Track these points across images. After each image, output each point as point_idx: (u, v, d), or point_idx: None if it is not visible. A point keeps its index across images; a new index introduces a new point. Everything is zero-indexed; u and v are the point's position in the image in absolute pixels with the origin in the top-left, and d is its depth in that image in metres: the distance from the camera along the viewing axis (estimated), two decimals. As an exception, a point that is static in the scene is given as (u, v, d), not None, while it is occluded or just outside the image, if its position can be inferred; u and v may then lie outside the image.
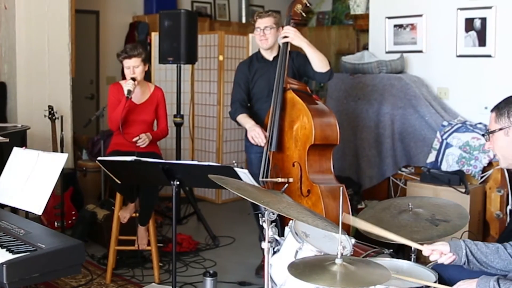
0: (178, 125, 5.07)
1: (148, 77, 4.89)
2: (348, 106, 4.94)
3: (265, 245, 2.21)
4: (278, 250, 2.49)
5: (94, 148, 5.54)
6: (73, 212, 4.76)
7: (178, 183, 3.12)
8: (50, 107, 4.75)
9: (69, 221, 4.70)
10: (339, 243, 1.98)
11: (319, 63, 3.64)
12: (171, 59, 4.93)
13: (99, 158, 3.32)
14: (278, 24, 3.81)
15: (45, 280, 3.20)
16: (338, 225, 2.02)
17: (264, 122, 3.72)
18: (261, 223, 2.22)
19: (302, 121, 3.48)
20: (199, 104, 6.31)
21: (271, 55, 3.89)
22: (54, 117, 4.71)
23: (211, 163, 3.04)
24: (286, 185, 3.33)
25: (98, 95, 7.05)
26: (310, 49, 3.62)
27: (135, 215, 3.98)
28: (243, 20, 8.12)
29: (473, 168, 4.13)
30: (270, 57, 3.89)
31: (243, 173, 2.89)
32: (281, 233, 2.71)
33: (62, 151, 4.65)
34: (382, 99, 4.69)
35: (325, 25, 8.34)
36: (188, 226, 5.19)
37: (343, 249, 2.00)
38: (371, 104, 4.77)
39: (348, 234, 2.57)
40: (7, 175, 2.85)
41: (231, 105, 3.94)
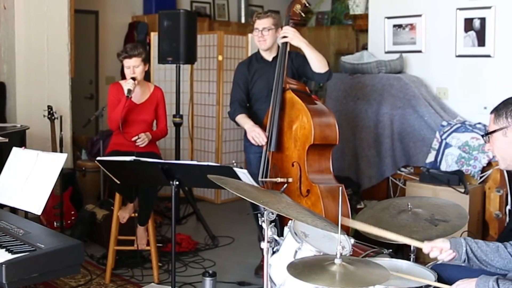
0: (178, 125, 5.07)
1: (147, 77, 4.88)
2: (347, 106, 4.93)
3: (264, 245, 2.21)
4: (277, 250, 2.49)
5: (94, 148, 5.53)
6: (72, 212, 4.76)
7: (177, 183, 3.12)
8: (49, 107, 4.74)
9: (68, 221, 4.70)
10: (338, 243, 1.98)
11: (317, 63, 3.64)
12: (170, 59, 4.93)
13: (98, 158, 3.32)
14: (277, 25, 3.79)
15: (44, 280, 3.19)
16: (337, 225, 2.02)
17: (263, 122, 3.72)
18: (260, 223, 2.22)
19: (301, 121, 3.48)
20: (198, 104, 6.31)
21: (270, 55, 3.89)
22: (53, 117, 4.70)
23: (210, 163, 3.04)
24: (285, 185, 3.34)
25: (98, 95, 7.04)
26: (309, 49, 3.62)
27: (134, 215, 3.98)
28: (242, 20, 8.11)
29: (472, 168, 4.13)
30: (269, 57, 3.89)
31: (242, 173, 2.89)
32: (280, 233, 2.70)
33: (61, 151, 4.65)
34: (381, 99, 4.69)
35: (324, 25, 8.35)
36: (188, 226, 5.19)
37: (342, 249, 2.00)
38: (370, 104, 4.77)
39: (347, 234, 2.57)
40: (6, 175, 2.85)
41: (230, 105, 3.94)
